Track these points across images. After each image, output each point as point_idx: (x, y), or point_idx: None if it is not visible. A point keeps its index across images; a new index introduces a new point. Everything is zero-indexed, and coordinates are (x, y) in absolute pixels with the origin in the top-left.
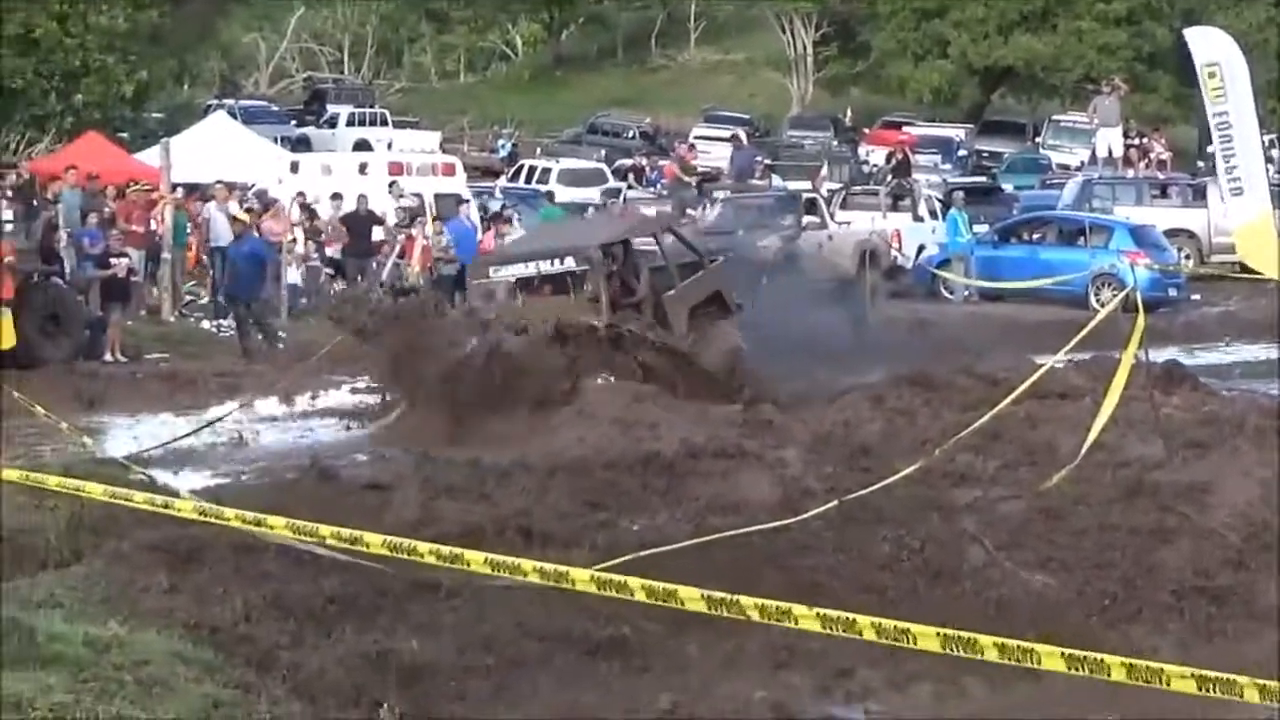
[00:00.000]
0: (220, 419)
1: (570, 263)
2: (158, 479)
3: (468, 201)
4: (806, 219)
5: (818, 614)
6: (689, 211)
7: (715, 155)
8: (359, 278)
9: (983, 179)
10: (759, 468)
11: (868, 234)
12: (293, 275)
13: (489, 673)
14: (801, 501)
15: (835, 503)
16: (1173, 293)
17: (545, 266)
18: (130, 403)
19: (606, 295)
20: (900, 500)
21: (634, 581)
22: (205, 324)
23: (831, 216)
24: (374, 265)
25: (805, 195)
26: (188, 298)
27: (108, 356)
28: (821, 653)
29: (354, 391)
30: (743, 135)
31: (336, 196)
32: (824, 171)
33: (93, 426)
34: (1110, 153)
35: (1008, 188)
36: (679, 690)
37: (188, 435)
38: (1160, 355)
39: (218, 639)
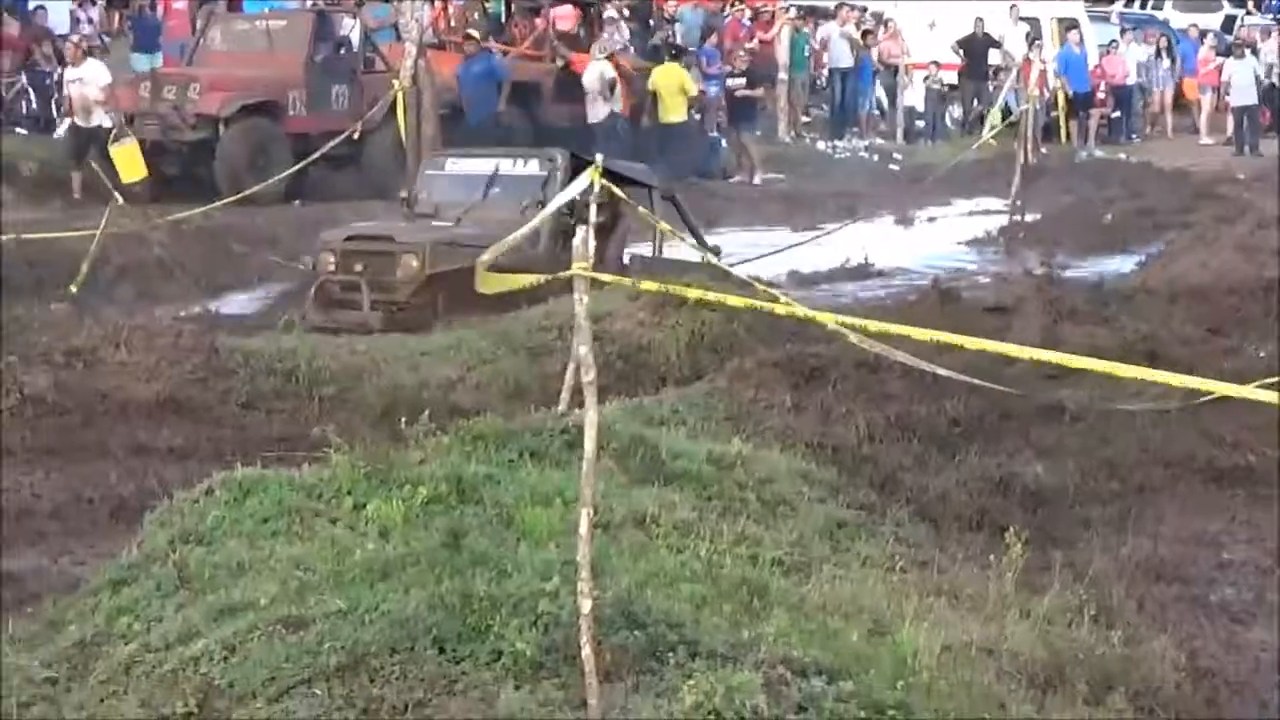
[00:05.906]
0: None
1: None
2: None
3: (1076, 27)
4: None
5: None
6: None
7: None
8: (974, 101)
9: None
10: None
11: None
12: (910, 98)
13: (1113, 498)
14: None
15: None
16: None
17: None
18: (748, 221)
19: None
20: None
21: None
22: (820, 145)
23: None
24: (990, 89)
25: None
26: (804, 119)
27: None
28: None
29: (970, 214)
30: None
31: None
32: None
33: (714, 243)
34: None
35: None
36: None
37: (802, 244)
38: None
39: (840, 459)
